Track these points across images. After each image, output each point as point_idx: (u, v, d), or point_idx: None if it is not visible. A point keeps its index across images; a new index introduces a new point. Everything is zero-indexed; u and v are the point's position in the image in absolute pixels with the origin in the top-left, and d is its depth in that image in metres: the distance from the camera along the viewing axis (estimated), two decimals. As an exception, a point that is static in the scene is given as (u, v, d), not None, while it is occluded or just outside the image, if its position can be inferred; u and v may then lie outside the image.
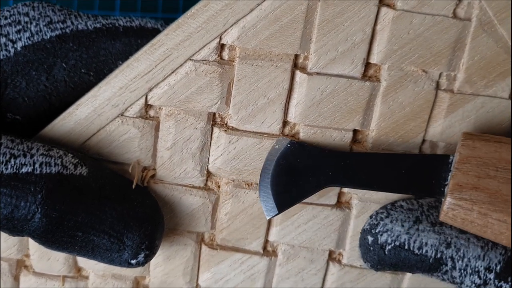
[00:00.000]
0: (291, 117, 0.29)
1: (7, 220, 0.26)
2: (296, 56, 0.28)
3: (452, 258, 0.27)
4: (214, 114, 0.29)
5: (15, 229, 0.27)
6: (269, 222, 0.31)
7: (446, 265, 0.27)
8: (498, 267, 0.27)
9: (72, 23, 0.29)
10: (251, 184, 0.30)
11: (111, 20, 0.29)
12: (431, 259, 0.27)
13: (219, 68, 0.28)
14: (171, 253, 0.31)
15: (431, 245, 0.27)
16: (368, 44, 0.27)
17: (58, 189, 0.26)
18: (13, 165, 0.26)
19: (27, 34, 0.28)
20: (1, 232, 0.31)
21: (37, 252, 0.31)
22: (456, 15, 0.27)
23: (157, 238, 0.29)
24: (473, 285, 0.27)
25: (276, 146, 0.28)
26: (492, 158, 0.25)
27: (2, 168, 0.26)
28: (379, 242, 0.28)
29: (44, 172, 0.26)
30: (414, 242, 0.27)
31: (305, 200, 0.30)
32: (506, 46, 0.27)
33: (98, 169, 0.28)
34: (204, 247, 0.31)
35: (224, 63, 0.28)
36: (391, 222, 0.28)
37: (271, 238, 0.31)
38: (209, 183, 0.30)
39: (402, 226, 0.28)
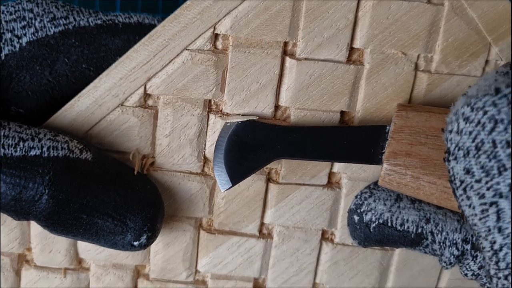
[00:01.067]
0: (282, 101, 0.30)
1: (15, 201, 0.27)
2: (285, 43, 0.30)
3: (431, 232, 0.29)
4: (210, 101, 0.30)
5: (22, 211, 0.28)
6: (264, 204, 0.32)
7: (427, 239, 0.29)
8: (474, 238, 0.29)
9: (75, 19, 0.30)
10: (246, 168, 0.31)
11: (111, 17, 0.31)
12: (412, 234, 0.29)
13: (214, 56, 0.29)
14: (170, 240, 0.32)
15: (412, 221, 0.29)
16: (351, 30, 0.29)
17: (65, 172, 0.28)
18: (21, 148, 0.27)
19: (32, 30, 0.30)
20: (2, 227, 0.32)
21: (39, 245, 0.32)
22: (430, 1, 0.29)
23: (158, 221, 0.30)
24: (452, 256, 0.29)
25: (228, 124, 0.30)
26: (423, 127, 0.28)
27: (11, 150, 0.27)
28: (364, 221, 0.30)
29: (52, 155, 0.27)
30: (396, 219, 0.29)
31: (298, 181, 0.32)
32: (477, 28, 0.29)
33: (101, 156, 0.30)
34: (202, 232, 0.33)
35: (218, 51, 0.30)
36: (374, 201, 0.30)
37: (266, 220, 0.32)
38: (205, 169, 0.32)
39: (385, 204, 0.30)
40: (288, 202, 0.32)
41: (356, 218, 0.30)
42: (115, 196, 0.29)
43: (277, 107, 0.31)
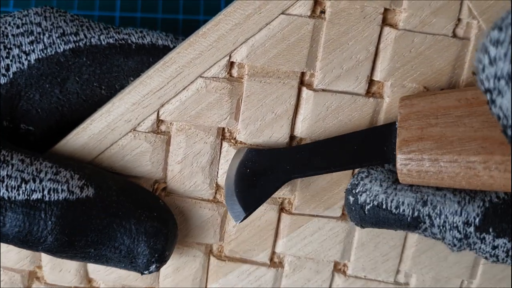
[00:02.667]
0: (298, 132, 0.30)
1: (22, 242, 0.28)
2: (303, 73, 0.29)
3: (429, 215, 0.27)
4: (223, 129, 0.30)
5: (30, 248, 0.28)
6: (276, 234, 0.31)
7: (424, 222, 0.27)
8: (477, 220, 0.27)
9: (85, 36, 0.30)
10: (258, 197, 0.31)
11: (123, 35, 0.30)
12: (408, 218, 0.27)
13: (229, 84, 0.29)
14: (180, 264, 0.32)
15: (408, 204, 0.27)
16: (372, 62, 0.28)
17: (66, 215, 0.27)
18: (24, 191, 0.27)
19: (40, 46, 0.29)
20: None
21: (49, 264, 0.32)
22: (456, 35, 0.28)
23: (167, 249, 0.29)
24: (455, 239, 0.27)
25: (236, 155, 0.29)
26: (430, 109, 0.26)
27: (14, 193, 0.27)
28: (359, 202, 0.28)
29: (53, 199, 0.27)
30: (391, 202, 0.28)
31: (311, 213, 0.31)
32: (504, 64, 0.28)
33: (104, 188, 0.29)
34: (212, 259, 0.32)
35: (233, 80, 0.29)
36: (370, 182, 0.28)
37: (278, 249, 0.32)
38: (217, 196, 0.31)
39: (381, 186, 0.28)
40: (301, 232, 0.31)
41: (351, 199, 0.28)
42: (120, 229, 0.28)
43: (292, 137, 0.30)
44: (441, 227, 0.27)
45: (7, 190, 0.27)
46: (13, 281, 0.33)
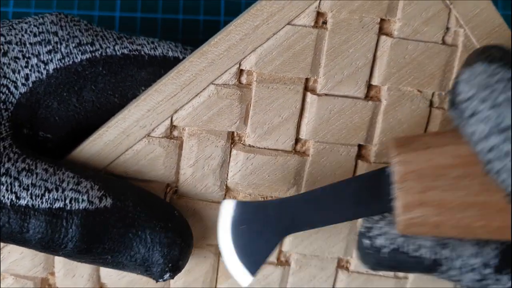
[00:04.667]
0: (303, 134, 0.32)
1: (43, 247, 0.29)
2: (307, 79, 0.31)
3: (448, 258, 0.28)
4: (233, 133, 0.32)
5: (51, 253, 0.29)
6: (283, 232, 0.33)
7: (442, 265, 0.28)
8: (495, 262, 0.28)
9: (101, 46, 0.31)
10: (266, 197, 0.33)
11: (136, 46, 0.32)
12: (427, 261, 0.28)
13: (238, 91, 0.31)
14: (191, 266, 0.33)
15: (427, 247, 0.28)
16: (370, 68, 0.31)
17: (85, 224, 0.29)
18: (47, 199, 0.29)
19: (58, 55, 0.30)
20: (28, 251, 0.33)
21: (62, 270, 0.33)
22: (445, 42, 0.31)
23: (181, 259, 0.30)
24: (473, 281, 0.28)
25: (224, 212, 0.29)
26: (427, 168, 0.26)
27: (38, 202, 0.28)
28: (375, 245, 0.28)
29: (74, 208, 0.29)
30: (411, 245, 0.28)
31: (316, 211, 0.33)
32: (488, 68, 0.31)
33: (122, 199, 0.30)
34: (222, 259, 0.34)
35: (242, 86, 0.31)
36: (387, 224, 0.28)
37: (285, 248, 0.34)
38: (227, 197, 0.33)
39: None
40: (306, 230, 0.33)
41: (366, 242, 0.28)
42: (135, 239, 0.30)
43: (297, 140, 0.32)
44: (460, 269, 0.28)
45: (31, 198, 0.28)
46: (26, 288, 0.33)
